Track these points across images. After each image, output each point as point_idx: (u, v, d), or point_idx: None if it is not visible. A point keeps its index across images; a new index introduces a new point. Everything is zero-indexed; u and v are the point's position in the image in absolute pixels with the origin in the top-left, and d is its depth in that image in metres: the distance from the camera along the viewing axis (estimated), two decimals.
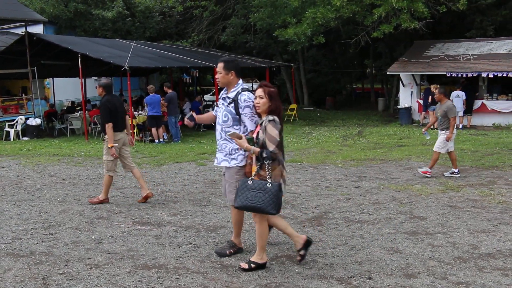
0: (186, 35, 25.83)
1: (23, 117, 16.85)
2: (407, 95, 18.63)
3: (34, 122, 16.56)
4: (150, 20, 25.45)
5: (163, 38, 26.39)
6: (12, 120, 16.66)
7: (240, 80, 4.67)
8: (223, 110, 4.60)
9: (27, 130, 16.48)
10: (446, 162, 9.46)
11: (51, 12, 23.06)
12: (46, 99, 21.89)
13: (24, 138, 16.11)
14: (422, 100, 17.71)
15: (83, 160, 11.04)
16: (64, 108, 20.87)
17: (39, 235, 5.51)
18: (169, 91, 14.60)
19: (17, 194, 7.73)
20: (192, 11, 24.26)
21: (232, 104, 4.52)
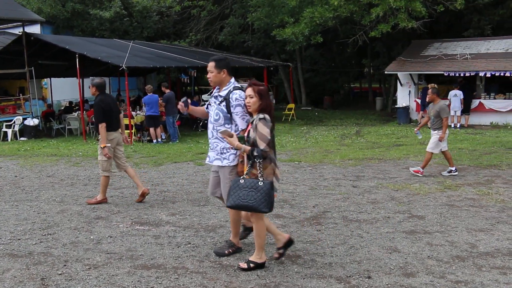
0: (184, 35, 25.83)
1: (20, 117, 16.82)
2: (405, 95, 18.66)
3: (32, 122, 16.54)
4: (147, 20, 25.44)
5: (160, 38, 26.38)
6: (10, 120, 16.62)
7: (233, 79, 4.65)
8: (214, 109, 4.60)
9: (25, 131, 16.45)
10: (444, 162, 9.47)
11: (49, 12, 23.03)
12: (43, 99, 21.86)
13: (22, 139, 16.08)
14: (420, 100, 17.76)
15: (81, 160, 11.03)
16: (62, 108, 20.82)
17: (38, 235, 5.50)
18: (167, 91, 14.59)
19: (15, 194, 7.72)
20: (190, 11, 24.27)
21: (224, 103, 4.52)
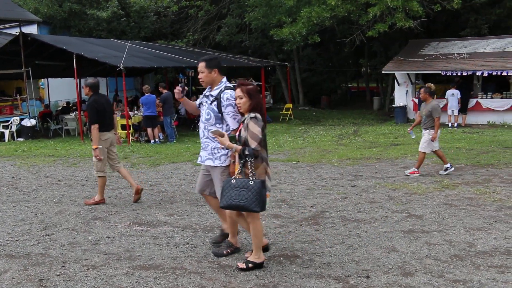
0: (181, 35, 25.81)
1: (17, 118, 16.77)
2: (402, 94, 18.68)
3: (29, 123, 16.49)
4: (145, 20, 25.41)
5: (158, 38, 26.35)
6: (7, 121, 16.58)
7: (224, 78, 4.64)
8: (206, 108, 4.59)
9: (22, 131, 16.41)
10: (441, 161, 9.50)
11: (46, 12, 22.96)
12: (41, 100, 21.80)
13: (19, 139, 16.04)
14: (417, 99, 17.76)
15: (79, 161, 11.00)
16: (59, 108, 20.79)
17: (36, 236, 5.49)
18: (164, 91, 14.58)
19: (12, 195, 7.70)
20: (187, 11, 24.26)
21: (215, 102, 4.51)
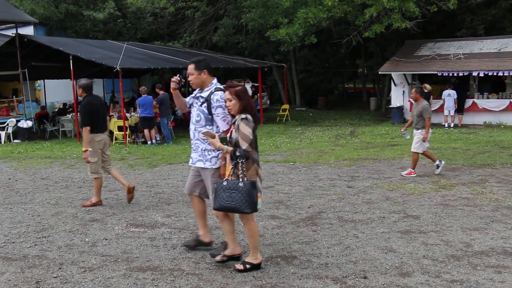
0: (178, 36, 25.79)
1: (14, 119, 16.73)
2: (398, 95, 18.72)
3: (25, 124, 16.45)
4: (141, 21, 25.38)
5: (154, 39, 26.31)
6: (3, 122, 16.53)
7: (215, 80, 4.63)
8: (196, 110, 4.58)
9: (18, 133, 16.36)
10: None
11: (42, 14, 22.90)
12: (37, 101, 21.76)
13: (15, 141, 15.99)
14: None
15: (76, 163, 10.98)
16: (56, 110, 20.73)
17: (32, 238, 5.47)
18: (161, 92, 14.56)
19: (9, 197, 7.68)
20: (184, 12, 24.23)
21: (205, 104, 4.50)
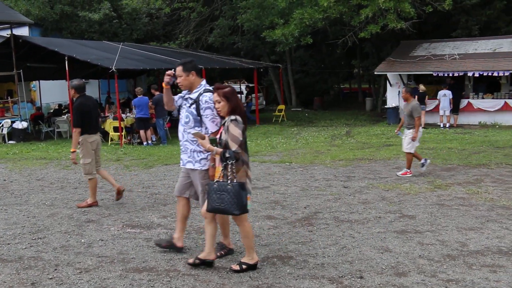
0: (174, 36, 25.76)
1: (9, 120, 16.65)
2: (394, 95, 18.75)
3: (21, 125, 16.38)
4: (137, 22, 25.33)
5: (150, 40, 26.28)
6: None
7: (203, 81, 4.64)
8: (185, 111, 4.58)
9: (13, 134, 16.29)
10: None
11: (37, 14, 22.82)
12: (32, 102, 21.67)
13: (10, 142, 15.92)
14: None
15: (71, 163, 10.90)
16: (51, 111, 20.66)
17: (28, 239, 5.45)
18: (156, 93, 14.52)
19: (4, 198, 7.64)
20: (180, 13, 24.22)
21: (194, 105, 4.51)
